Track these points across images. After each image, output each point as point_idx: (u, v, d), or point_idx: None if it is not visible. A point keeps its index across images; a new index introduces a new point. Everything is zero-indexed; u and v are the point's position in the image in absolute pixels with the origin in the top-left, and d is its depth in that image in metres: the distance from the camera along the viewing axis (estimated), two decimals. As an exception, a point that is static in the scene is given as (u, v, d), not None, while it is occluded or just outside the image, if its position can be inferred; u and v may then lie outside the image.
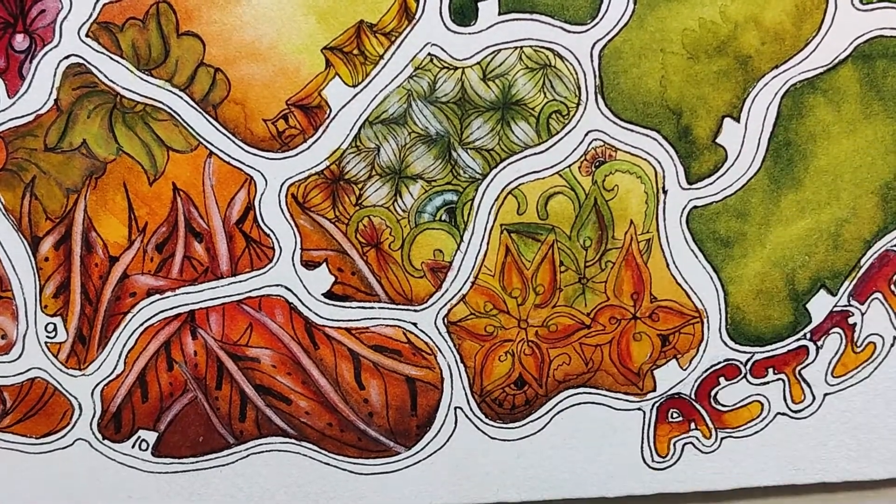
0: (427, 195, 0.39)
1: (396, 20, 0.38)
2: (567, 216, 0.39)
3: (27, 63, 0.38)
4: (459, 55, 0.39)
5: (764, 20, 0.39)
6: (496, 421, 0.40)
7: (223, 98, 0.38)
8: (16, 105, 0.38)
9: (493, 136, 0.39)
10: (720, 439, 0.40)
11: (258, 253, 0.39)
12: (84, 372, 0.39)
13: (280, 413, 0.39)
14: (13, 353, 0.39)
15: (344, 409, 0.39)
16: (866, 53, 0.39)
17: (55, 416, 0.39)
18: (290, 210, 0.39)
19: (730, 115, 0.39)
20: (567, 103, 0.39)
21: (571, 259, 0.39)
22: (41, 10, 0.38)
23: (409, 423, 0.40)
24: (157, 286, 0.39)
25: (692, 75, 0.39)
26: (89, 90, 0.38)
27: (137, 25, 0.38)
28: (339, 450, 0.40)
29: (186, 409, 0.39)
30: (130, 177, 0.39)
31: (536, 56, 0.39)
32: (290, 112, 0.39)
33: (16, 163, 0.38)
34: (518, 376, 0.40)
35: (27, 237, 0.39)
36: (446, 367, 0.40)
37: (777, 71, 0.39)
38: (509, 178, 0.39)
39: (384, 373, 0.39)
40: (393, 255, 0.39)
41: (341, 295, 0.39)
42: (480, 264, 0.39)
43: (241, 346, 0.39)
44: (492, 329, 0.40)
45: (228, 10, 0.38)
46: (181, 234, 0.39)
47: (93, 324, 0.39)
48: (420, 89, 0.39)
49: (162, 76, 0.38)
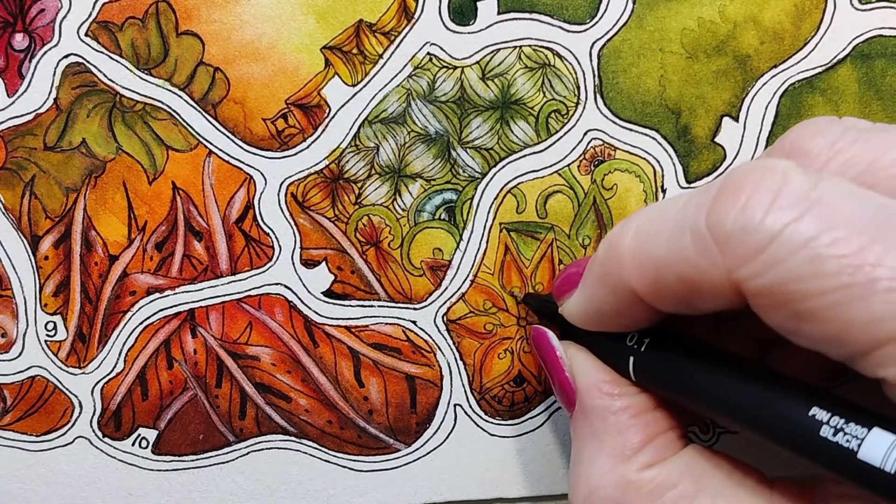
0: (426, 194, 0.39)
1: (396, 20, 0.38)
2: (566, 215, 0.39)
3: (26, 62, 0.38)
4: (459, 54, 0.39)
5: (763, 20, 0.39)
6: (495, 418, 0.40)
7: (222, 97, 0.38)
8: (15, 104, 0.38)
9: (492, 136, 0.39)
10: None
11: (258, 252, 0.39)
12: (84, 370, 0.39)
13: (280, 411, 0.40)
14: (13, 351, 0.39)
15: (344, 407, 0.40)
16: (865, 53, 0.39)
17: (55, 414, 0.39)
18: (290, 209, 0.39)
19: (729, 114, 0.39)
20: (566, 102, 0.39)
21: (571, 257, 0.39)
22: (41, 9, 0.38)
23: (408, 420, 0.40)
24: (156, 285, 0.39)
25: (691, 75, 0.39)
26: (89, 89, 0.38)
27: (137, 25, 0.38)
28: (338, 447, 0.40)
29: (186, 407, 0.39)
30: (130, 176, 0.39)
31: (536, 55, 0.39)
32: (290, 111, 0.39)
33: (15, 162, 0.38)
34: (517, 373, 0.40)
35: (27, 236, 0.39)
36: (446, 364, 0.40)
37: (776, 70, 0.39)
38: (508, 177, 0.39)
39: (384, 370, 0.40)
40: (392, 253, 0.39)
41: (341, 293, 0.39)
42: (480, 263, 0.39)
43: (240, 345, 0.39)
44: (491, 327, 0.40)
45: (228, 10, 0.38)
46: (181, 233, 0.39)
47: (93, 322, 0.39)
48: (419, 88, 0.39)
49: (161, 75, 0.38)
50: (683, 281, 0.27)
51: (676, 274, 0.27)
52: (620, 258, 0.29)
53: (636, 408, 0.31)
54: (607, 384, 0.32)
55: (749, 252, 0.25)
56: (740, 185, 0.26)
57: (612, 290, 0.30)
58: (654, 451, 0.31)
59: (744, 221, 0.25)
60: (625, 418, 0.31)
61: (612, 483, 0.30)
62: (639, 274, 0.28)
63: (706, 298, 0.27)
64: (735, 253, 0.25)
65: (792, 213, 0.24)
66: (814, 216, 0.24)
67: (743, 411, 0.28)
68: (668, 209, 0.28)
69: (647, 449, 0.31)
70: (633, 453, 0.31)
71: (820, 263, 0.24)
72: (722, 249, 0.25)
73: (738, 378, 0.28)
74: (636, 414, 0.31)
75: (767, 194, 0.25)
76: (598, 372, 0.33)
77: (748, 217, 0.25)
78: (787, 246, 0.24)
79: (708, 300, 0.27)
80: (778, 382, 0.27)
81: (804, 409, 0.26)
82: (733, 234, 0.25)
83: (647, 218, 0.29)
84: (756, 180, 0.25)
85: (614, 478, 0.30)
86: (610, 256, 0.29)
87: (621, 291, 0.29)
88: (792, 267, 0.24)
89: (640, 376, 0.32)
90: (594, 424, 0.32)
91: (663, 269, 0.27)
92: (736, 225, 0.25)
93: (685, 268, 0.27)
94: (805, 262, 0.24)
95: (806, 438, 0.26)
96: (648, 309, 0.29)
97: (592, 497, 0.31)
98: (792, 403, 0.26)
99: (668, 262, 0.27)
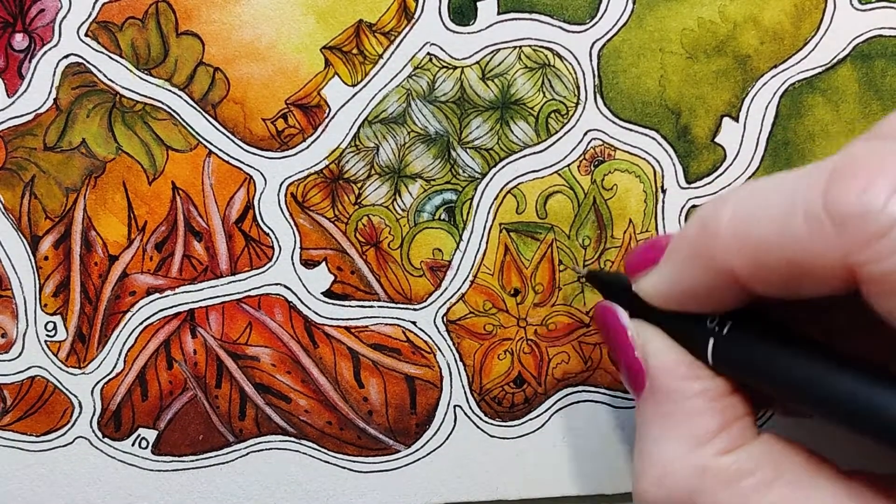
0: (426, 194, 0.39)
1: (395, 20, 0.38)
2: (566, 215, 0.39)
3: (26, 62, 0.38)
4: (458, 55, 0.39)
5: (763, 20, 0.39)
6: (495, 419, 0.40)
7: (222, 97, 0.38)
8: (15, 104, 0.38)
9: (492, 136, 0.39)
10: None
11: (257, 252, 0.39)
12: (84, 370, 0.39)
13: (280, 411, 0.39)
14: (13, 351, 0.39)
15: (343, 408, 0.40)
16: (865, 53, 0.39)
17: (55, 414, 0.39)
18: (290, 209, 0.39)
19: (729, 114, 0.39)
20: (566, 103, 0.39)
21: (570, 258, 0.39)
22: (40, 9, 0.38)
23: (408, 421, 0.40)
24: (156, 285, 0.39)
25: (691, 75, 0.39)
26: (88, 89, 0.38)
27: (137, 25, 0.38)
28: (338, 448, 0.40)
29: (186, 408, 0.39)
30: (130, 176, 0.39)
31: (535, 55, 0.39)
32: (290, 111, 0.39)
33: (15, 162, 0.38)
34: (517, 375, 0.40)
35: (27, 236, 0.39)
36: (445, 365, 0.40)
37: (776, 70, 0.39)
38: (508, 177, 0.39)
39: (383, 371, 0.39)
40: (392, 253, 0.39)
41: (341, 294, 0.39)
42: (479, 263, 0.39)
43: (240, 345, 0.39)
44: (491, 328, 0.40)
45: (228, 10, 0.38)
46: (180, 233, 0.39)
47: (92, 322, 0.39)
48: (419, 89, 0.39)
49: (161, 75, 0.38)
50: (792, 263, 0.26)
51: (784, 255, 0.26)
52: (716, 237, 0.28)
53: (713, 392, 0.30)
54: (683, 366, 0.31)
55: (869, 237, 0.24)
56: (860, 167, 0.25)
57: (705, 270, 0.29)
58: (730, 437, 0.30)
59: (865, 205, 0.24)
60: (701, 402, 0.30)
61: (687, 468, 0.30)
62: (739, 254, 0.27)
63: (814, 282, 0.26)
64: (854, 237, 0.24)
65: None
66: None
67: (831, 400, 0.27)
68: (770, 188, 0.27)
69: (723, 434, 0.30)
70: (710, 438, 0.30)
71: None
72: (839, 232, 0.25)
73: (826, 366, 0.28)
74: (713, 398, 0.30)
75: (889, 178, 0.24)
76: (673, 353, 0.31)
77: (870, 201, 0.24)
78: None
79: (815, 284, 0.26)
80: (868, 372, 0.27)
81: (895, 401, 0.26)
82: (853, 217, 0.24)
83: (746, 196, 0.28)
84: (877, 163, 0.25)
85: (689, 462, 0.30)
86: (705, 235, 0.28)
87: (716, 272, 0.28)
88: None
89: (718, 360, 0.30)
90: (666, 407, 0.31)
91: (769, 250, 0.26)
92: (856, 208, 0.24)
93: (795, 249, 0.26)
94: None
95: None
96: (741, 291, 0.28)
97: (665, 480, 0.30)
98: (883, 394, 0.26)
99: (775, 243, 0.26)
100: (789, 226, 0.26)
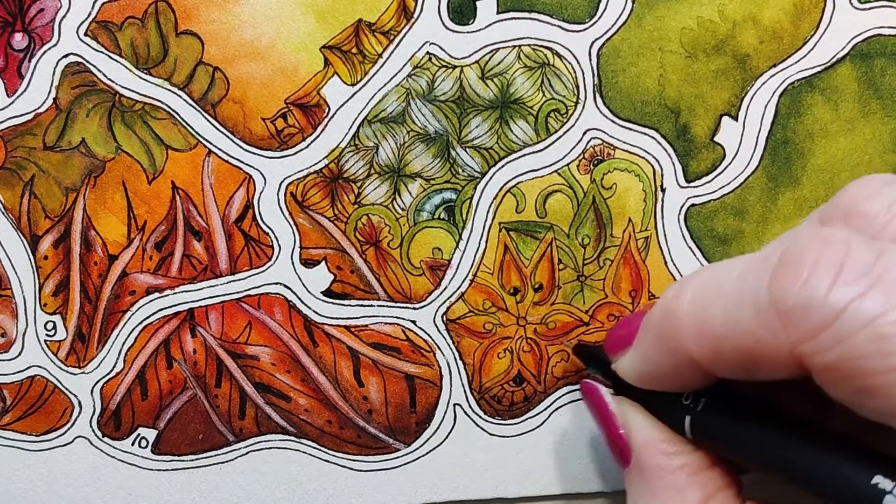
0: (426, 193, 0.39)
1: (395, 19, 0.38)
2: (565, 214, 0.39)
3: (26, 62, 0.38)
4: (458, 54, 0.39)
5: (762, 19, 0.39)
6: (495, 417, 0.40)
7: (222, 97, 0.38)
8: (15, 104, 0.38)
9: (491, 135, 0.39)
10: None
11: (257, 251, 0.39)
12: (84, 370, 0.39)
13: (279, 410, 0.39)
14: (13, 351, 0.39)
15: (343, 407, 0.40)
16: (864, 52, 0.39)
17: (55, 413, 0.39)
18: (289, 208, 0.39)
19: (728, 113, 0.39)
20: (565, 102, 0.39)
21: (570, 257, 0.39)
22: (40, 9, 0.38)
23: (408, 419, 0.40)
24: (156, 284, 0.39)
25: (690, 74, 0.39)
26: (88, 89, 0.38)
27: (136, 24, 0.38)
28: (338, 447, 0.40)
29: (186, 407, 0.39)
30: (129, 175, 0.39)
31: (535, 55, 0.39)
32: (289, 111, 0.39)
33: (15, 161, 0.38)
34: (517, 373, 0.40)
35: (26, 236, 0.39)
36: (445, 364, 0.40)
37: (775, 70, 0.39)
38: (508, 176, 0.39)
39: (383, 370, 0.40)
40: (392, 253, 0.39)
41: (340, 293, 0.39)
42: (479, 262, 0.39)
43: (240, 344, 0.39)
44: (490, 326, 0.40)
45: (227, 10, 0.38)
46: (180, 233, 0.39)
47: (92, 322, 0.39)
48: (419, 88, 0.39)
49: (161, 75, 0.38)
50: (744, 352, 0.27)
51: (736, 345, 0.27)
52: (678, 325, 0.29)
53: (693, 466, 0.31)
54: (664, 442, 0.32)
55: (813, 328, 0.25)
56: (802, 258, 0.26)
57: (670, 353, 0.30)
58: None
59: (808, 296, 0.25)
60: (683, 477, 0.31)
61: None
62: (697, 342, 0.28)
63: (766, 369, 0.27)
64: (799, 328, 0.25)
65: (856, 288, 0.24)
66: (878, 292, 0.24)
67: (804, 475, 0.28)
68: (724, 276, 0.28)
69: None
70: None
71: (885, 342, 0.24)
72: (785, 324, 0.25)
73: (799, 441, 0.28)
74: (694, 472, 0.31)
75: (830, 268, 0.25)
76: (653, 430, 0.33)
77: (812, 292, 0.25)
78: (852, 323, 0.24)
79: (768, 370, 0.27)
80: (839, 447, 0.27)
81: (866, 477, 0.26)
82: (797, 309, 0.25)
83: (703, 284, 0.29)
84: (818, 252, 0.25)
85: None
86: (666, 323, 0.30)
87: (679, 356, 0.29)
88: (857, 344, 0.24)
89: (696, 435, 0.32)
90: (651, 483, 0.32)
91: (722, 339, 0.27)
92: (799, 300, 0.25)
93: (746, 339, 0.27)
94: (870, 339, 0.24)
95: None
96: (706, 373, 0.29)
97: None
98: (854, 470, 0.26)
99: (727, 333, 0.27)
100: (739, 317, 0.27)
